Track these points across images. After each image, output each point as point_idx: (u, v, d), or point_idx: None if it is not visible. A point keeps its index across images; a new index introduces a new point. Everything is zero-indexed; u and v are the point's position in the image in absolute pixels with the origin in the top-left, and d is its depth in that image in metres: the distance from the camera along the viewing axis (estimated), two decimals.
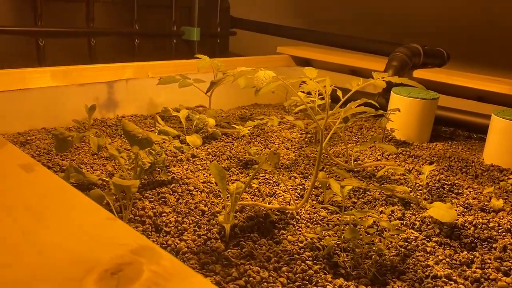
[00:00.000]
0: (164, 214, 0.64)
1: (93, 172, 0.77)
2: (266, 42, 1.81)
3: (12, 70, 0.94)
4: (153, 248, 0.32)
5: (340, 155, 0.94)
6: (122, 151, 0.74)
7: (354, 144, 1.01)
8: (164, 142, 0.82)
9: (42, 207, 0.37)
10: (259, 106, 1.34)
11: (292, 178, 0.81)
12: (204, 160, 0.86)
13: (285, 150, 0.94)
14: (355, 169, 0.87)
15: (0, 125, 0.93)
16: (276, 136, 1.02)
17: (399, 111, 1.00)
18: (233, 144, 0.95)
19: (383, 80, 0.68)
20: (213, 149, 0.92)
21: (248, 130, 0.89)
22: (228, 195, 0.61)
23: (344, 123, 0.82)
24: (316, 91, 0.76)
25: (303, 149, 0.95)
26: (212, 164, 0.59)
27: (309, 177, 0.82)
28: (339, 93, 0.67)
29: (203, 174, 0.80)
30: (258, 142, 0.98)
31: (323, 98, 0.77)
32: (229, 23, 1.69)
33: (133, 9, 1.41)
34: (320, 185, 0.78)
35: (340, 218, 0.67)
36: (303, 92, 0.80)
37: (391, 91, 1.10)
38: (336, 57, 1.40)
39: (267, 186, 0.77)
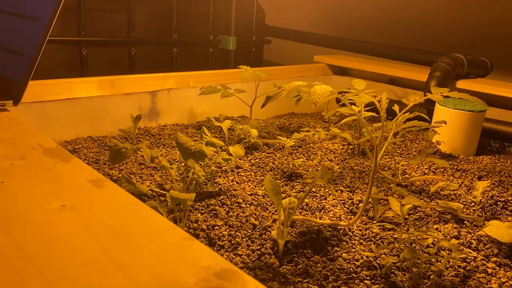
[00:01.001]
0: (217, 227, 0.64)
1: (142, 183, 0.78)
2: (299, 50, 1.81)
3: (61, 80, 0.96)
4: (237, 272, 0.31)
5: (385, 168, 0.92)
6: (173, 163, 0.75)
7: (399, 157, 0.99)
8: (214, 154, 0.82)
9: (119, 225, 0.37)
10: (296, 115, 1.34)
11: (339, 191, 0.80)
12: (248, 171, 0.86)
13: (329, 162, 0.93)
14: (403, 183, 0.85)
15: (49, 134, 0.96)
16: (318, 147, 1.01)
17: (445, 123, 0.98)
18: (275, 155, 0.95)
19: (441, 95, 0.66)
20: (256, 160, 0.92)
21: (293, 142, 0.88)
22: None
23: (394, 136, 0.81)
24: (362, 103, 0.75)
25: (346, 161, 0.94)
26: (267, 179, 0.59)
27: (356, 190, 0.81)
28: (396, 107, 0.66)
29: (249, 186, 0.80)
30: (300, 154, 0.97)
31: (370, 110, 0.76)
32: (264, 32, 1.69)
33: (172, 18, 1.43)
34: (369, 200, 0.76)
35: (394, 236, 0.65)
36: (351, 103, 0.79)
37: (436, 102, 1.08)
38: (374, 66, 1.38)
39: (315, 199, 0.76)
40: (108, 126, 1.03)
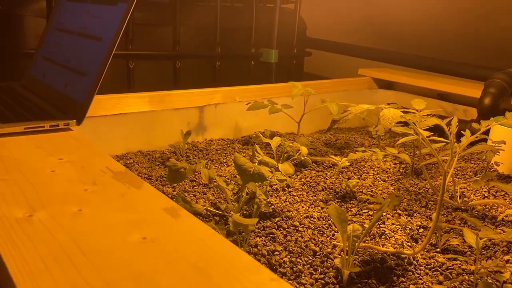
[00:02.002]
0: (277, 252, 0.62)
1: (196, 201, 0.78)
2: (340, 62, 1.78)
3: (113, 96, 0.98)
4: None
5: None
6: (229, 183, 0.74)
7: (455, 177, 0.95)
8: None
9: (203, 262, 0.36)
10: (341, 130, 1.31)
11: (396, 215, 0.77)
12: (300, 191, 0.85)
13: (382, 182, 0.91)
14: (463, 207, 0.81)
15: (101, 148, 0.97)
16: (369, 166, 0.99)
17: (505, 143, 0.93)
18: (326, 174, 0.93)
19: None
20: (306, 179, 0.90)
21: (348, 162, 0.86)
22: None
23: (452, 158, 0.77)
24: (419, 122, 0.72)
25: (400, 181, 0.91)
26: (332, 207, 0.57)
27: (415, 214, 0.78)
28: (468, 134, 0.63)
29: (302, 207, 0.78)
30: (351, 172, 0.95)
31: (428, 129, 0.73)
32: (305, 44, 1.68)
33: (215, 32, 1.43)
34: (429, 225, 0.73)
35: (462, 266, 0.62)
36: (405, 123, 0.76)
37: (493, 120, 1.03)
38: (422, 80, 1.34)
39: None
40: (158, 140, 1.04)
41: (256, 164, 0.79)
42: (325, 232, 0.70)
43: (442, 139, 0.66)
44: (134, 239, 0.39)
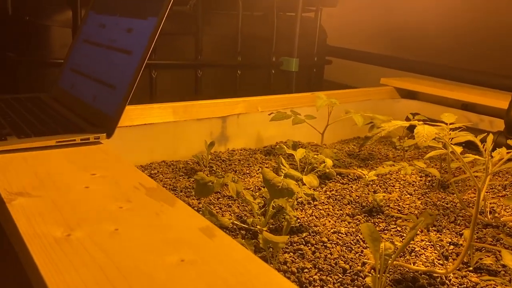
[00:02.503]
0: (306, 269, 0.62)
1: (222, 214, 0.78)
2: (360, 70, 1.77)
3: (138, 106, 0.99)
4: None
5: (470, 205, 0.87)
6: (256, 197, 0.74)
7: (485, 192, 0.93)
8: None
9: (241, 285, 0.36)
10: (361, 139, 1.30)
11: (425, 231, 0.76)
12: (326, 204, 0.84)
13: (409, 196, 0.89)
14: (493, 223, 0.79)
15: (126, 158, 0.98)
16: (394, 178, 0.97)
17: None
18: (351, 187, 0.92)
19: None
20: (332, 192, 0.89)
21: (376, 176, 0.85)
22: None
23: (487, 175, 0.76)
24: (449, 133, 0.70)
25: (427, 195, 0.90)
26: (365, 225, 0.56)
27: (444, 230, 0.76)
28: (503, 151, 0.61)
29: (329, 222, 0.77)
30: (377, 185, 0.94)
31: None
32: (326, 52, 1.67)
33: (237, 41, 1.44)
34: (460, 242, 0.72)
35: (497, 287, 0.60)
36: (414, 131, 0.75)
37: None
38: (445, 90, 1.32)
39: (403, 239, 0.72)
40: (181, 150, 1.04)
41: (282, 176, 0.78)
42: (353, 249, 0.69)
43: (477, 156, 0.64)
44: (172, 260, 0.39)
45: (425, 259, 0.67)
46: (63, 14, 1.17)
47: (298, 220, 0.76)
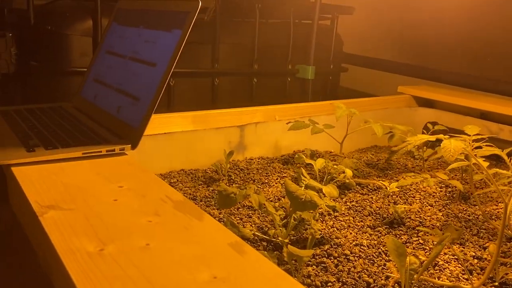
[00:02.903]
0: (330, 283, 0.61)
1: (243, 225, 0.78)
2: (375, 77, 1.76)
3: (158, 115, 0.99)
4: None
5: (493, 217, 0.86)
6: (278, 209, 0.74)
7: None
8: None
9: None
10: (380, 149, 1.29)
11: (448, 243, 0.75)
12: (346, 215, 0.83)
13: (429, 207, 0.88)
14: None
15: (146, 167, 0.99)
16: (414, 189, 0.96)
17: None
18: (371, 198, 0.91)
19: None
20: (352, 202, 0.89)
21: (397, 188, 0.84)
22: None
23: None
24: (472, 144, 0.70)
25: (448, 207, 0.89)
26: (390, 240, 0.56)
27: (467, 243, 0.76)
28: None
29: (350, 233, 0.77)
30: (397, 196, 0.93)
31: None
32: (342, 60, 1.67)
33: (253, 50, 1.45)
34: (484, 255, 0.71)
35: None
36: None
37: None
38: (464, 99, 1.31)
39: (425, 252, 0.72)
40: (200, 159, 1.05)
41: (303, 187, 0.78)
42: (376, 262, 0.68)
43: (499, 170, 0.64)
44: (204, 277, 0.39)
45: (450, 273, 0.66)
46: (83, 23, 1.18)
47: (320, 232, 0.76)
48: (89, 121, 0.79)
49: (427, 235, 0.74)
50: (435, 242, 0.75)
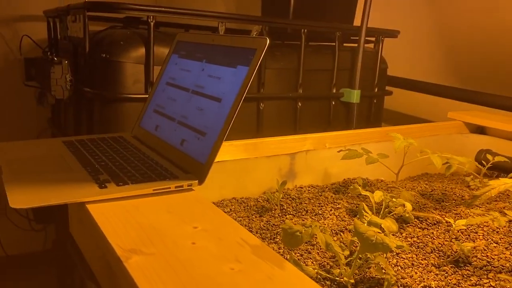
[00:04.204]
0: None
1: (304, 262, 0.76)
2: (419, 100, 1.73)
3: None
4: None
5: None
6: (344, 249, 0.72)
7: None
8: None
9: None
10: (431, 177, 1.26)
11: None
12: (409, 253, 0.81)
13: (495, 244, 0.84)
14: None
15: (201, 195, 1.00)
16: (476, 224, 0.93)
17: None
18: (432, 233, 0.88)
19: None
20: (413, 238, 0.86)
21: (464, 226, 0.81)
22: None
23: None
24: None
25: None
26: None
27: None
28: None
29: (416, 273, 0.74)
30: (458, 231, 0.89)
31: None
32: (386, 83, 1.65)
33: (298, 74, 1.44)
34: None
35: None
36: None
37: None
38: None
39: None
40: (250, 187, 1.04)
41: (366, 224, 0.76)
42: None
43: None
44: None
45: None
46: (136, 51, 1.21)
47: (383, 270, 0.74)
48: (152, 153, 0.79)
49: (504, 282, 0.70)
50: (503, 282, 0.72)
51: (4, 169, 0.69)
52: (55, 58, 1.27)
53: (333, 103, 1.54)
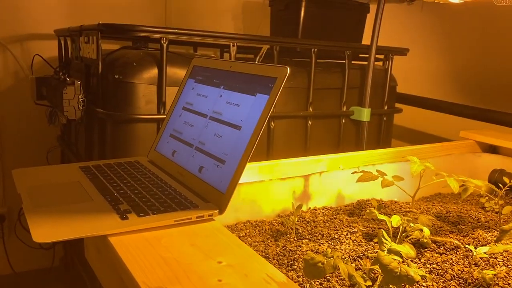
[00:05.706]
0: None
1: None
2: (429, 117, 1.73)
3: None
4: None
5: None
6: (367, 279, 0.72)
7: None
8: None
9: None
10: (444, 197, 1.25)
11: None
12: (429, 281, 0.80)
13: None
14: None
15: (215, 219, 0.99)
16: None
17: None
18: (451, 259, 0.87)
19: None
20: (432, 264, 0.85)
21: (485, 253, 0.80)
22: None
23: None
24: None
25: None
26: None
27: None
28: None
29: None
30: (476, 256, 0.88)
31: None
32: (395, 100, 1.65)
33: (308, 92, 1.45)
34: None
35: None
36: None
37: None
38: None
39: None
40: (265, 209, 1.04)
41: (386, 252, 0.76)
42: None
43: None
44: None
45: None
46: (149, 72, 1.22)
47: None
48: (170, 179, 0.79)
49: None
50: None
51: (24, 197, 0.69)
52: (68, 79, 1.28)
53: (343, 121, 1.53)
